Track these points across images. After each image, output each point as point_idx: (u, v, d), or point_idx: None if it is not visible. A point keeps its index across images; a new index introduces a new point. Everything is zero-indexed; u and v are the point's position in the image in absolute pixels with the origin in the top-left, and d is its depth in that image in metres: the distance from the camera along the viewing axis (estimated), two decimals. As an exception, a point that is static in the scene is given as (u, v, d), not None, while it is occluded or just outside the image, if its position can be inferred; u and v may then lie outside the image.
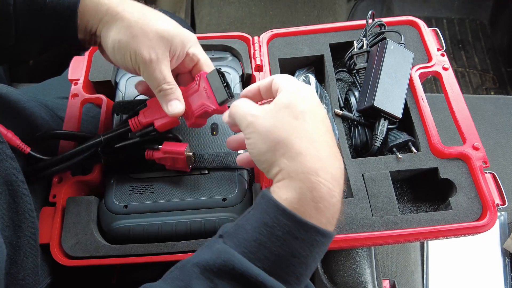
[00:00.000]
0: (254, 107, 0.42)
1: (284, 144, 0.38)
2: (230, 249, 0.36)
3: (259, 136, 0.39)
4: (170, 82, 0.48)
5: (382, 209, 0.52)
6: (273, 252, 0.35)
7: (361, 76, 0.63)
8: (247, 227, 0.37)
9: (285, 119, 0.39)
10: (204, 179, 0.54)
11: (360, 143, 0.59)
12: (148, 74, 0.47)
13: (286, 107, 0.39)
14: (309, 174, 0.37)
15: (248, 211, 0.39)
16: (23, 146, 0.50)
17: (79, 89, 0.62)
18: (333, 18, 1.45)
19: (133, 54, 0.46)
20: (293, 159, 0.37)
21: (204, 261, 0.35)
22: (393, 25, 0.67)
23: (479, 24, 1.50)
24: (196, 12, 1.48)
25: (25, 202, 0.44)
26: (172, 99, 0.48)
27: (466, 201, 0.53)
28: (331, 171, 0.38)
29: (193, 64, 0.51)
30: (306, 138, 0.38)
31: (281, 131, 0.38)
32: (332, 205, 0.37)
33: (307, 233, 0.36)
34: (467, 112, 0.58)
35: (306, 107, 0.40)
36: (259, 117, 0.40)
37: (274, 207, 0.36)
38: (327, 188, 0.37)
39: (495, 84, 1.41)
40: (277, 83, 0.42)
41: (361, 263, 0.61)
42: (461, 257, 0.80)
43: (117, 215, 0.52)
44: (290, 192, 0.37)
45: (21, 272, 0.43)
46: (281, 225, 0.35)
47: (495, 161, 0.86)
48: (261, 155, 0.40)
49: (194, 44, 0.51)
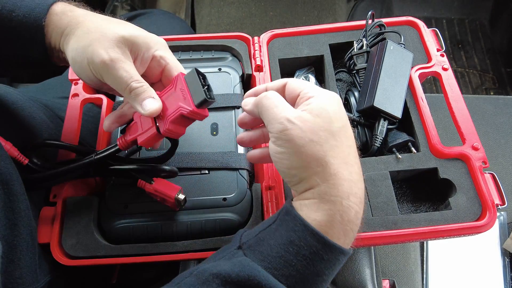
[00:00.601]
0: (291, 109, 0.39)
1: (319, 163, 0.36)
2: (254, 263, 0.35)
3: (294, 149, 0.37)
4: (139, 80, 0.44)
5: (382, 209, 0.53)
6: (298, 271, 0.35)
7: (361, 77, 0.63)
8: (271, 242, 0.36)
9: (323, 135, 0.37)
10: (204, 179, 0.54)
11: (360, 143, 0.59)
12: (113, 75, 0.43)
13: (325, 119, 0.37)
14: (341, 199, 0.36)
15: (269, 224, 0.38)
16: (21, 158, 0.49)
17: (79, 89, 0.62)
18: (333, 18, 1.45)
19: (91, 58, 0.42)
20: (327, 180, 0.36)
21: (225, 273, 0.35)
22: (392, 26, 0.67)
23: (478, 24, 1.50)
24: (196, 12, 1.48)
25: (21, 201, 0.44)
26: (145, 97, 0.44)
27: (466, 201, 0.53)
28: (359, 194, 0.38)
29: (161, 68, 0.47)
30: (341, 158, 0.37)
31: (318, 147, 0.37)
32: (356, 226, 0.38)
33: (333, 254, 0.36)
34: (467, 112, 0.58)
35: (342, 124, 0.39)
36: (297, 126, 0.37)
37: (302, 227, 0.36)
38: (355, 211, 0.37)
39: (494, 84, 1.41)
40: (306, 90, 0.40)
41: (361, 263, 0.61)
42: (461, 257, 0.80)
43: (117, 215, 0.52)
44: (320, 214, 0.36)
45: (18, 270, 0.43)
46: (308, 246, 0.35)
47: (495, 161, 0.86)
48: (292, 169, 0.38)
49: (161, 48, 0.47)
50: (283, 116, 0.38)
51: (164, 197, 0.49)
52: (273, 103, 0.39)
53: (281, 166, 0.39)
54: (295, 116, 0.38)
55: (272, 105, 0.39)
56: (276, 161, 0.39)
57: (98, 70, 0.43)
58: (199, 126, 0.58)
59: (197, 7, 1.49)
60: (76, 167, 0.49)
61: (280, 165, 0.39)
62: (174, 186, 0.49)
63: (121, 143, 0.48)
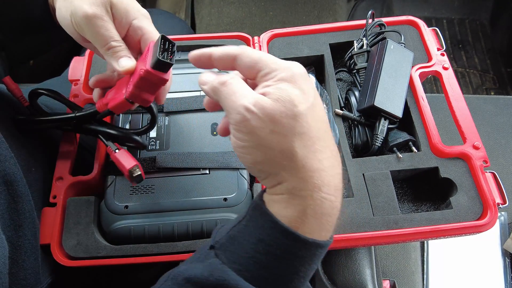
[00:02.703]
0: (250, 94, 0.34)
1: (285, 156, 0.33)
2: (223, 266, 0.33)
3: (256, 142, 0.33)
4: (118, 40, 0.45)
5: (383, 209, 0.52)
6: (271, 272, 0.33)
7: (361, 76, 0.63)
8: (241, 241, 0.34)
9: (287, 122, 0.33)
10: (204, 179, 0.54)
11: (360, 142, 0.59)
12: (93, 31, 0.44)
13: (287, 104, 0.33)
14: (312, 192, 0.33)
15: (239, 219, 0.36)
16: (23, 100, 0.53)
17: (79, 90, 0.62)
18: (333, 18, 1.44)
19: (74, 10, 0.43)
20: (294, 174, 0.33)
21: (195, 277, 0.33)
22: (393, 25, 0.67)
23: (479, 24, 1.50)
24: (196, 12, 1.48)
25: (25, 201, 0.44)
26: (122, 55, 0.45)
27: (467, 200, 0.53)
28: (334, 182, 0.35)
29: (138, 38, 0.47)
30: (309, 147, 0.34)
31: (282, 138, 0.33)
32: (333, 217, 0.35)
33: (307, 250, 0.34)
34: (468, 111, 0.58)
35: (308, 105, 0.34)
36: (257, 115, 0.33)
37: (271, 223, 0.34)
38: (330, 202, 0.34)
39: (495, 84, 1.41)
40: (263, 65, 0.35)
41: (361, 263, 0.61)
42: (461, 257, 0.80)
43: (117, 216, 0.52)
44: (290, 210, 0.34)
45: (22, 272, 0.43)
46: (279, 244, 0.33)
47: (495, 161, 0.86)
48: (256, 164, 0.35)
49: (142, 19, 0.47)
50: (241, 105, 0.33)
51: (121, 169, 0.49)
52: (231, 89, 0.35)
53: (245, 161, 0.35)
54: (254, 102, 0.33)
55: (230, 92, 0.35)
56: (240, 156, 0.35)
57: (79, 23, 0.43)
58: (199, 126, 0.57)
59: (197, 7, 1.49)
60: (58, 119, 0.53)
61: (244, 160, 0.35)
62: (134, 160, 0.49)
63: (98, 105, 0.50)
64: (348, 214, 0.52)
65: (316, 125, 0.34)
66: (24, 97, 0.53)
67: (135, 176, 0.48)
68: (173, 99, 0.59)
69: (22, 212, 0.44)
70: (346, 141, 0.59)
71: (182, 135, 0.57)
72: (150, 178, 0.54)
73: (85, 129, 0.53)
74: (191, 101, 0.59)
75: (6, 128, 0.49)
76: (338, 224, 0.37)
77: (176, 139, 0.57)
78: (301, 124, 0.33)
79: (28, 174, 0.50)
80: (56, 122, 0.54)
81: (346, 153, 0.57)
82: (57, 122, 0.54)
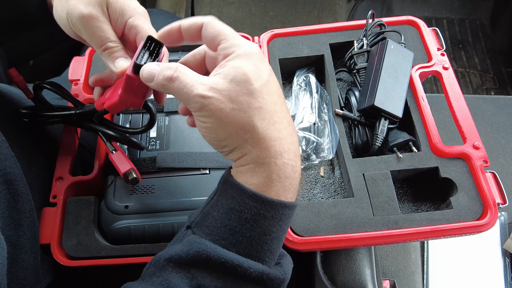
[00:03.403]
0: (202, 82, 0.35)
1: (246, 130, 0.35)
2: (200, 239, 0.36)
3: (216, 122, 0.35)
4: (115, 40, 0.45)
5: (383, 209, 0.52)
6: (244, 235, 0.36)
7: (362, 76, 0.63)
8: (214, 214, 0.37)
9: (244, 99, 0.35)
10: (205, 179, 0.54)
11: (360, 142, 0.59)
12: (90, 32, 0.44)
13: (242, 82, 0.35)
14: (275, 158, 0.36)
15: (211, 197, 0.39)
16: (28, 92, 0.53)
17: (79, 90, 0.62)
18: (333, 18, 1.44)
19: (70, 10, 0.43)
20: (257, 145, 0.36)
21: (176, 255, 0.35)
22: (393, 25, 0.67)
23: (479, 24, 1.50)
24: (196, 12, 1.48)
25: (25, 201, 0.44)
26: (119, 56, 0.45)
27: (467, 200, 0.53)
28: (293, 149, 0.38)
29: (134, 37, 0.47)
30: (268, 119, 0.36)
31: (241, 114, 0.35)
32: (295, 180, 0.38)
33: (275, 210, 0.36)
34: (468, 111, 0.58)
35: (263, 82, 0.36)
36: (214, 98, 0.35)
37: (239, 191, 0.36)
38: (291, 166, 0.37)
39: (495, 84, 1.41)
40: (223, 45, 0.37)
41: (361, 263, 0.61)
42: (462, 257, 0.80)
43: (117, 215, 0.52)
44: (256, 177, 0.36)
45: (22, 271, 0.43)
46: (249, 208, 0.36)
47: (496, 161, 0.86)
48: (220, 140, 0.37)
49: (138, 17, 0.46)
50: (196, 94, 0.35)
51: (117, 170, 0.50)
52: (181, 83, 0.36)
53: (209, 139, 0.38)
54: (208, 87, 0.35)
55: (180, 86, 0.36)
56: (204, 135, 0.38)
57: (75, 23, 0.44)
58: (199, 126, 0.58)
59: (197, 7, 1.49)
60: (59, 115, 0.54)
61: (208, 139, 0.38)
62: (129, 164, 0.51)
63: (97, 104, 0.50)
64: (348, 214, 0.52)
65: (272, 99, 0.37)
66: (28, 89, 0.53)
67: (130, 179, 0.50)
68: (173, 99, 0.59)
69: (22, 211, 0.44)
70: (346, 141, 0.59)
71: (182, 135, 0.57)
72: (150, 178, 0.54)
73: (85, 126, 0.54)
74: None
75: (7, 128, 0.49)
76: (299, 189, 0.39)
77: (176, 139, 0.57)
78: (257, 100, 0.36)
79: (29, 173, 0.50)
80: (56, 118, 0.54)
81: (346, 153, 0.57)
82: (57, 118, 0.54)
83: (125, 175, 0.50)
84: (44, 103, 0.54)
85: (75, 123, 0.54)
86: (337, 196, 0.58)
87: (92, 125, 0.53)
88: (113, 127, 0.53)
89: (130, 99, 0.44)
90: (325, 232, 0.51)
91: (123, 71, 0.44)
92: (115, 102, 0.45)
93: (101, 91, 0.53)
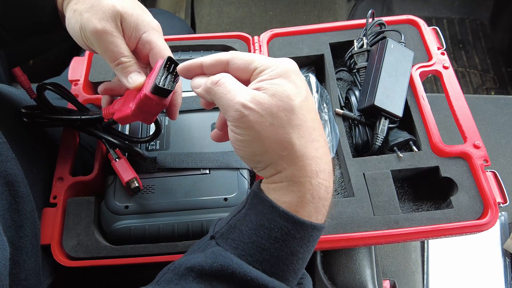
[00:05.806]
0: (245, 91, 0.35)
1: (283, 146, 0.35)
2: (226, 252, 0.35)
3: (255, 135, 0.34)
4: (128, 55, 0.45)
5: (384, 208, 0.52)
6: (272, 254, 0.35)
7: (362, 75, 0.63)
8: (242, 228, 0.36)
9: (284, 116, 0.34)
10: (205, 179, 0.54)
11: (361, 142, 0.59)
12: (103, 47, 0.44)
13: (283, 98, 0.34)
14: (310, 178, 0.35)
15: (239, 209, 0.38)
16: (31, 92, 0.53)
17: (79, 90, 0.62)
18: (333, 18, 1.45)
19: (84, 25, 0.43)
20: (293, 163, 0.35)
21: (199, 265, 0.34)
22: (393, 24, 0.67)
23: (479, 24, 1.50)
24: (196, 12, 1.48)
25: (26, 202, 0.44)
26: (132, 71, 0.45)
27: (468, 199, 0.52)
28: (328, 169, 0.37)
29: (147, 52, 0.47)
30: (306, 137, 0.35)
31: (280, 130, 0.34)
32: (328, 200, 0.37)
33: (305, 231, 0.35)
34: (468, 110, 0.58)
35: (302, 98, 0.36)
36: (254, 111, 0.34)
37: (270, 209, 0.35)
38: (325, 187, 0.36)
39: (495, 84, 1.41)
40: (257, 65, 0.37)
41: (361, 263, 0.61)
42: (462, 257, 0.80)
43: (118, 216, 0.52)
44: (289, 196, 0.35)
45: (23, 272, 0.43)
46: (279, 227, 0.35)
47: (496, 161, 0.86)
48: (255, 155, 0.36)
49: (152, 32, 0.46)
50: (238, 102, 0.34)
51: (120, 177, 0.51)
52: (225, 88, 0.36)
53: (243, 154, 0.37)
54: (250, 99, 0.34)
55: (224, 91, 0.36)
56: (238, 149, 0.37)
57: (89, 38, 0.44)
58: (199, 126, 0.57)
59: (197, 7, 1.49)
60: (64, 119, 0.54)
61: (242, 153, 0.37)
62: (132, 173, 0.51)
63: (104, 112, 0.50)
64: (349, 214, 0.52)
65: (310, 116, 0.36)
66: (32, 89, 0.53)
67: (132, 187, 0.51)
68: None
69: (23, 213, 0.44)
70: (347, 141, 0.59)
71: (182, 135, 0.57)
72: (150, 178, 0.54)
73: (89, 131, 0.54)
74: (191, 101, 0.59)
75: (8, 129, 0.49)
76: (331, 209, 0.39)
77: (176, 139, 0.57)
78: (297, 117, 0.35)
79: (30, 174, 0.50)
80: (60, 121, 0.54)
81: (347, 153, 0.57)
82: (61, 121, 0.54)
83: (128, 184, 0.51)
84: (46, 104, 0.54)
85: (79, 127, 0.55)
86: (337, 196, 0.58)
87: (96, 132, 0.53)
88: (117, 135, 0.53)
89: (143, 116, 0.45)
90: (325, 232, 0.51)
91: (137, 87, 0.44)
92: (127, 115, 0.45)
93: (109, 99, 0.53)
